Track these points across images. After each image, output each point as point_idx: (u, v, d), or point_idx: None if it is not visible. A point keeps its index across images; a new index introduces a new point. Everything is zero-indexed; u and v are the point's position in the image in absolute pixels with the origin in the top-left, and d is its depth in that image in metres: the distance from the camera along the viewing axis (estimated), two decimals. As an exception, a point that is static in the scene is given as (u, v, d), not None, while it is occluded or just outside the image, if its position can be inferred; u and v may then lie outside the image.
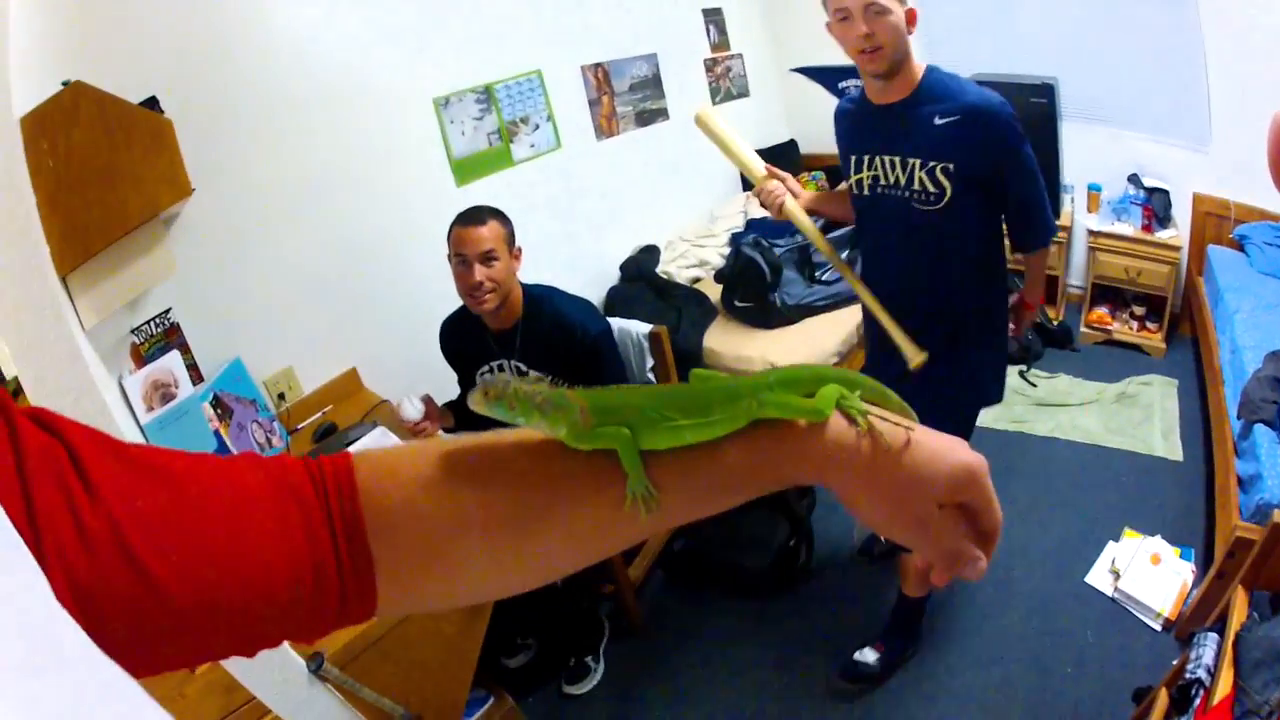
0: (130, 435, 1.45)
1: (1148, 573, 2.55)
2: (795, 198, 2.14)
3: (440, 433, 2.51)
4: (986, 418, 2.92)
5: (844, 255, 3.34)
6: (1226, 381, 2.94)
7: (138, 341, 2.33)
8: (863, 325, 2.37)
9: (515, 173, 3.53)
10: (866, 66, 1.86)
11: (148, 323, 2.37)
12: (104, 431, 0.49)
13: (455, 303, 2.47)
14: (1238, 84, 3.46)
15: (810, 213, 2.15)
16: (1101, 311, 4.06)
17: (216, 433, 2.35)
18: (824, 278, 3.58)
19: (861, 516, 0.58)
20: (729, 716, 2.42)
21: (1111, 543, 2.75)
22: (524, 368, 2.36)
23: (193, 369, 2.50)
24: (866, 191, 2.04)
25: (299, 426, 2.81)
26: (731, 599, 2.80)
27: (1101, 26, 3.85)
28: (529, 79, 3.57)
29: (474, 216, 2.24)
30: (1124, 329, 3.98)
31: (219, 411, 2.46)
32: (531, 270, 2.42)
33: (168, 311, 2.43)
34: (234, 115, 2.59)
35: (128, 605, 0.43)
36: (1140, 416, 3.39)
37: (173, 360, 2.39)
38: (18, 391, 2.26)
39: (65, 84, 1.88)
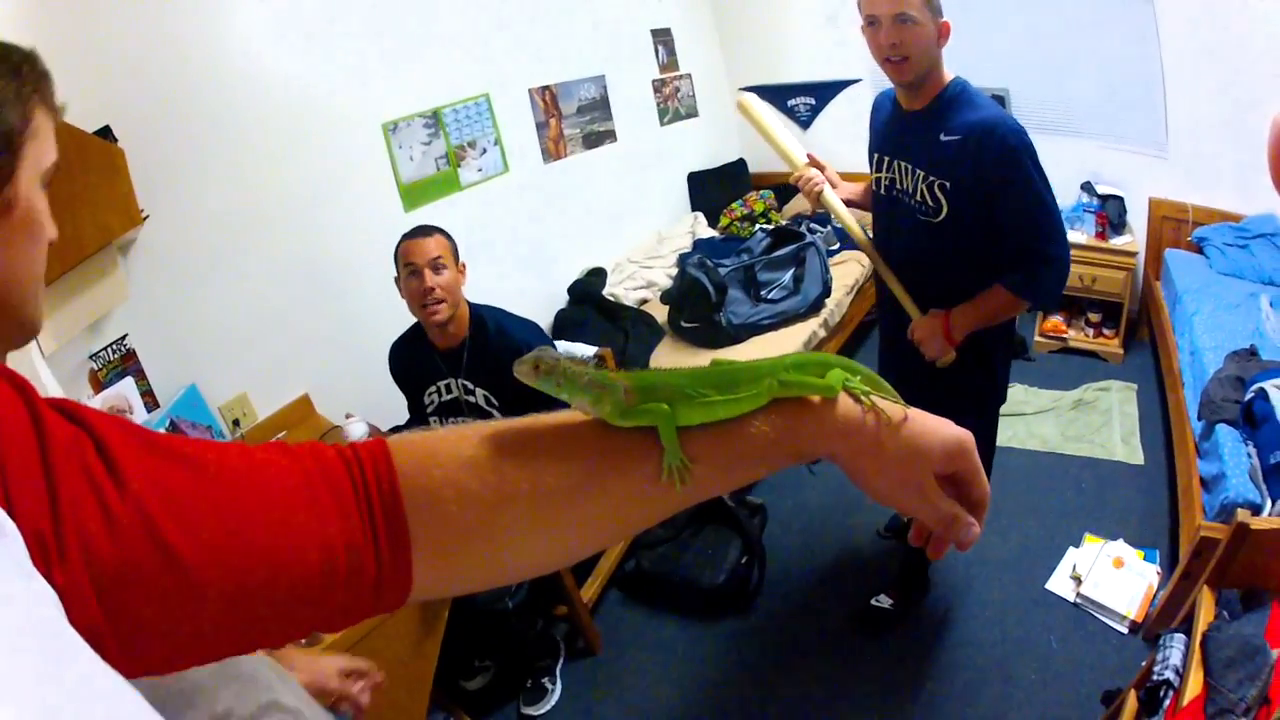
0: None
1: (1110, 576, 2.53)
2: (834, 188, 2.15)
3: None
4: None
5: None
6: (1186, 384, 2.94)
7: (95, 367, 2.30)
8: (880, 328, 2.43)
9: (463, 196, 3.52)
10: (891, 75, 1.85)
11: (105, 349, 2.33)
12: (133, 422, 0.50)
13: (403, 326, 2.45)
14: (1195, 87, 3.50)
15: (846, 203, 2.17)
16: (1056, 320, 4.05)
17: None
18: (769, 296, 3.56)
19: (866, 486, 0.64)
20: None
21: (1072, 548, 2.73)
22: (470, 385, 2.33)
23: (148, 395, 2.45)
24: (883, 191, 2.06)
25: (255, 453, 2.78)
26: (686, 617, 2.77)
27: (1056, 35, 3.89)
28: (477, 102, 3.57)
29: (420, 230, 2.26)
30: (1080, 336, 3.98)
31: None
32: (479, 294, 2.41)
33: (124, 338, 2.40)
34: (187, 143, 2.57)
35: (156, 592, 0.43)
36: (1099, 422, 3.38)
37: (127, 387, 2.36)
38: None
39: (20, 110, 1.85)
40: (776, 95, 4.72)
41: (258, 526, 0.49)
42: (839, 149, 3.24)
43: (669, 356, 3.53)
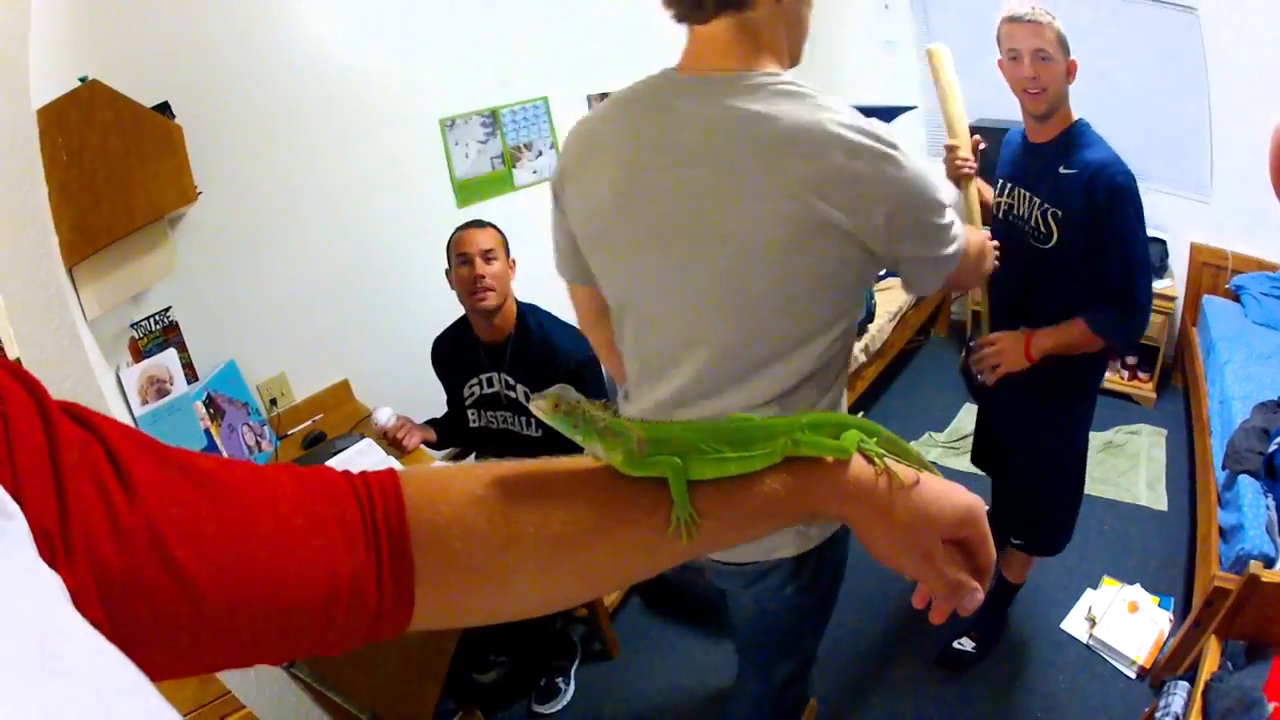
0: None
1: (1124, 620, 2.54)
2: None
3: (421, 444, 2.56)
4: (965, 462, 2.92)
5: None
6: (1214, 432, 2.94)
7: (137, 336, 2.36)
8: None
9: (517, 197, 3.56)
10: (1027, 105, 1.99)
11: (148, 319, 2.40)
12: (141, 431, 0.50)
13: (447, 320, 2.52)
14: (1242, 133, 3.48)
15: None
16: (1095, 359, 4.03)
17: (207, 432, 2.37)
18: None
19: (873, 548, 0.65)
20: (695, 747, 2.39)
21: (1090, 589, 2.74)
22: (511, 380, 2.40)
23: (188, 367, 2.53)
24: (1000, 214, 2.18)
25: (289, 432, 2.84)
26: (706, 630, 2.78)
27: (1101, 75, 3.87)
28: (535, 105, 3.62)
29: (474, 223, 2.37)
30: (1115, 378, 3.96)
31: (211, 411, 2.48)
32: (526, 295, 2.48)
33: (168, 309, 2.47)
34: (244, 123, 2.63)
35: (159, 604, 0.44)
36: (1126, 465, 3.38)
37: (169, 358, 2.42)
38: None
39: (82, 80, 1.93)
40: (880, 114, 4.72)
41: (266, 551, 0.50)
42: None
43: None
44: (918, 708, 2.40)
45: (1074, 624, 2.62)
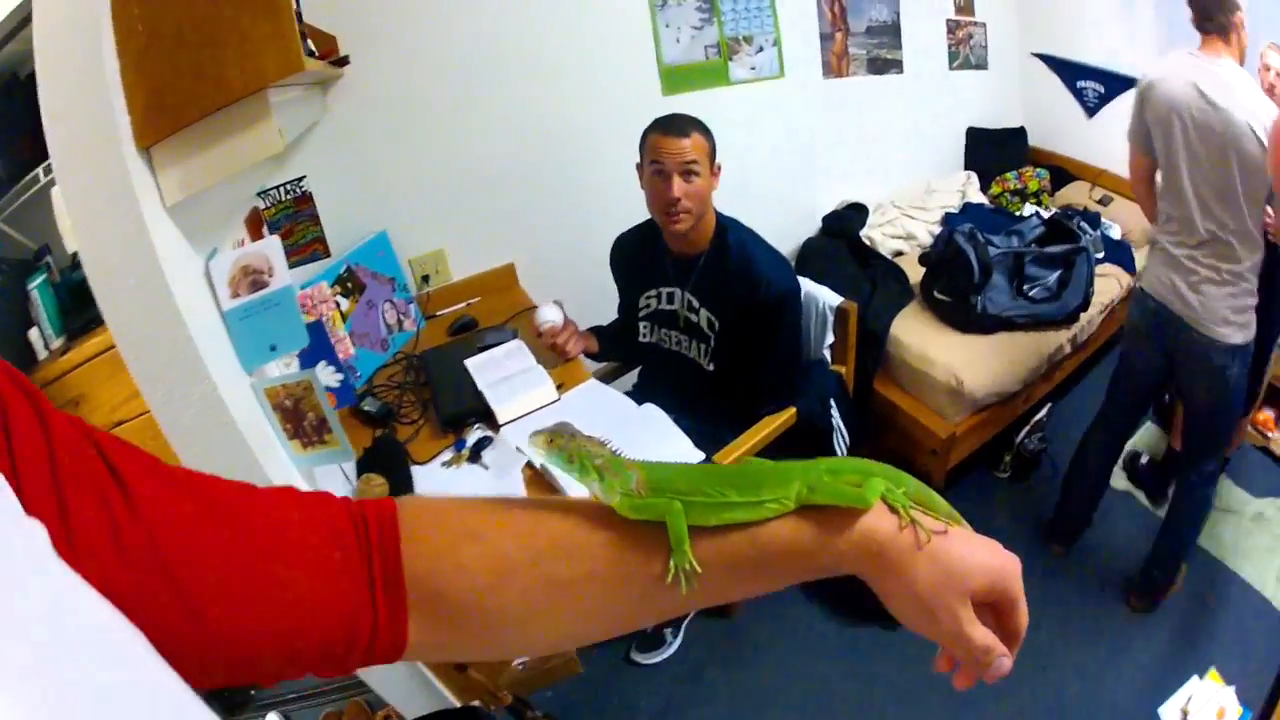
0: (204, 321, 1.46)
1: (1211, 727, 2.47)
2: None
3: (580, 354, 2.40)
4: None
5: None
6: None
7: (264, 206, 2.21)
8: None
9: (729, 93, 3.25)
10: None
11: (277, 188, 2.25)
12: (134, 444, 0.49)
13: (635, 215, 2.34)
14: None
15: None
16: (1269, 415, 3.75)
17: (315, 325, 2.11)
18: (1030, 293, 3.24)
19: (895, 607, 0.60)
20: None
21: (1196, 677, 2.65)
22: (695, 303, 2.25)
23: (318, 242, 2.41)
24: None
25: (438, 313, 2.76)
26: (836, 619, 2.69)
27: None
28: (760, -5, 3.23)
29: (677, 125, 2.07)
30: (1286, 441, 3.67)
31: (348, 286, 2.37)
32: (725, 202, 2.26)
33: (301, 179, 2.33)
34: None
35: (161, 621, 0.42)
36: (1266, 545, 3.19)
37: (270, 246, 2.04)
38: (76, 266, 2.17)
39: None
40: (1067, 71, 4.22)
41: (270, 582, 0.50)
42: (1114, 147, 3.01)
43: (911, 325, 3.26)
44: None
45: (1170, 713, 2.57)
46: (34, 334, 2.38)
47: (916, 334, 3.23)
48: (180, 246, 1.46)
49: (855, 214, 3.79)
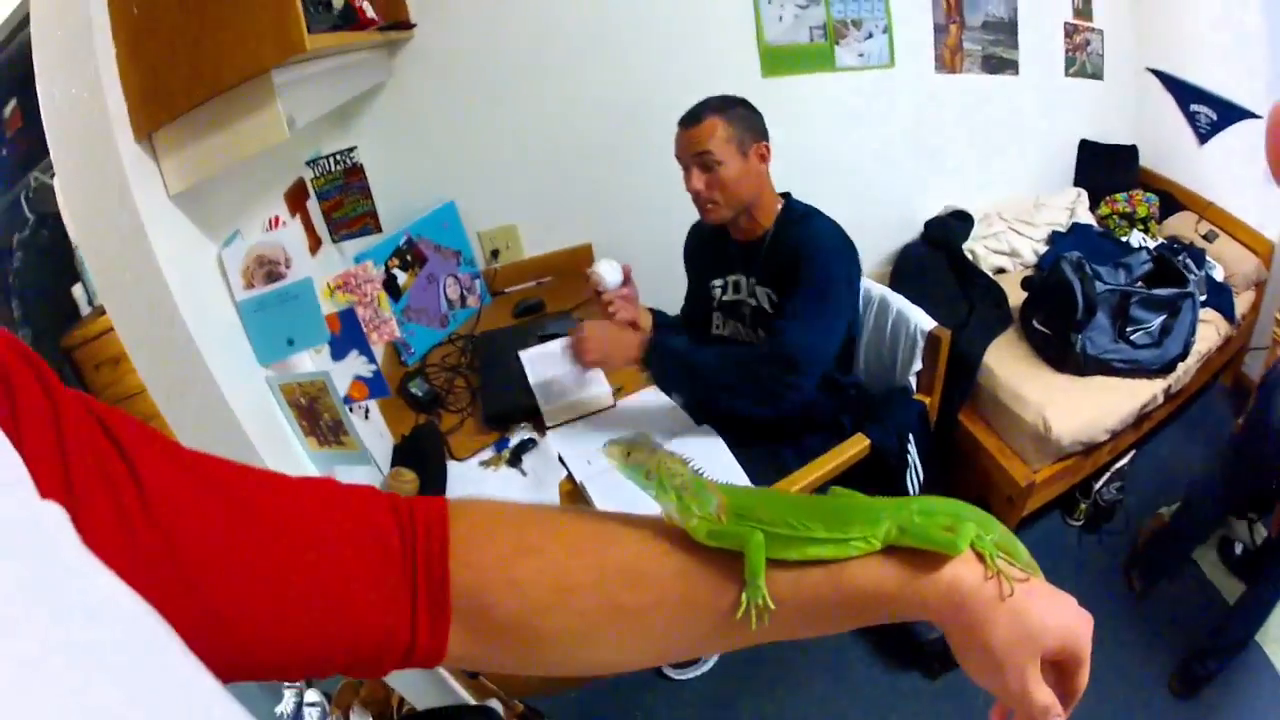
0: (215, 314, 1.42)
1: None
2: None
3: (636, 317, 2.19)
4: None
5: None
6: None
7: (312, 176, 2.07)
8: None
9: (834, 80, 3.04)
10: None
11: (327, 158, 2.09)
12: (147, 425, 0.45)
13: None
14: None
15: None
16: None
17: (346, 314, 1.87)
18: (1133, 337, 3.00)
19: (964, 657, 0.57)
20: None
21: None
22: (755, 285, 2.11)
23: (369, 216, 2.21)
24: None
25: (506, 290, 2.66)
26: (890, 657, 2.53)
27: None
28: (869, -20, 3.01)
29: (690, 113, 1.96)
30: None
31: (407, 259, 2.26)
32: (818, 197, 2.11)
33: (352, 150, 2.15)
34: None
35: (179, 626, 0.37)
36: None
37: (289, 235, 1.87)
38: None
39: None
40: (1182, 92, 3.92)
41: (300, 592, 0.47)
42: (1225, 180, 3.00)
43: (1006, 356, 3.04)
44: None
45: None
46: (78, 290, 2.28)
47: (1010, 366, 3.01)
48: (188, 235, 1.42)
49: (959, 223, 3.53)
